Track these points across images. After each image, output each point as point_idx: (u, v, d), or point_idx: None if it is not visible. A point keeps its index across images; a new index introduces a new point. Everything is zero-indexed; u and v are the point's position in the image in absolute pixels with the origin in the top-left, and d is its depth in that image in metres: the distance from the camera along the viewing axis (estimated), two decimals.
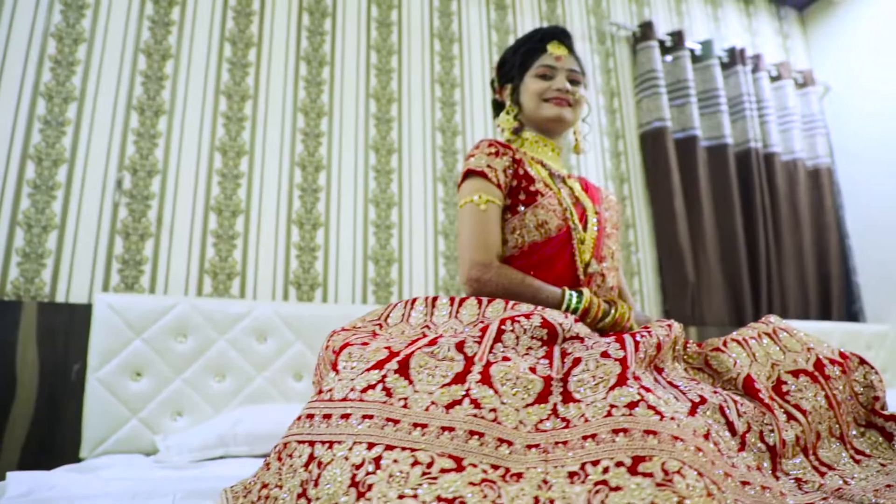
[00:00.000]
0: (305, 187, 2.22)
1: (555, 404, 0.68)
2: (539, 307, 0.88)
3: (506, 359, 0.74)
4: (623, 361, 0.71)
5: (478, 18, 2.75)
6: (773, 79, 3.42)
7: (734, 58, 3.22)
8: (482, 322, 0.82)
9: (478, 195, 1.15)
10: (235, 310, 1.89)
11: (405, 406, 0.68)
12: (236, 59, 2.22)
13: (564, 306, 1.07)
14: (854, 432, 0.87)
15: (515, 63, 1.30)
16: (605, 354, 0.73)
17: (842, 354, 0.94)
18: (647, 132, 2.94)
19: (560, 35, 1.29)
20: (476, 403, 0.67)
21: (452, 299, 0.95)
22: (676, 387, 0.76)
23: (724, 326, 2.82)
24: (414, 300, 0.97)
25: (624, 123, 2.98)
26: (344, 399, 0.71)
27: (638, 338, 0.77)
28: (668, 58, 3.08)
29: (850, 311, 3.29)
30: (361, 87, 2.42)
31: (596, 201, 1.28)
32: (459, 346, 0.75)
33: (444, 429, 0.65)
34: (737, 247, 2.95)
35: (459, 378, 0.71)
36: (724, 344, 0.96)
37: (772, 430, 0.76)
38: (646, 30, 3.04)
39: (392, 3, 2.57)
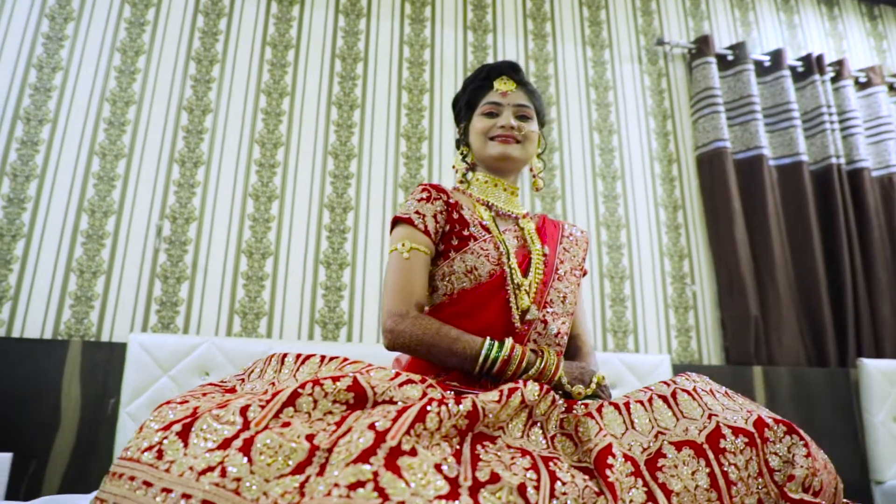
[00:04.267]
0: (333, 228, 2.29)
1: (308, 476, 0.63)
2: (365, 368, 0.82)
3: (286, 425, 0.70)
4: (381, 434, 0.65)
5: (514, 49, 2.72)
6: (862, 85, 3.06)
7: (810, 66, 2.92)
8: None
9: (402, 243, 1.12)
10: (256, 348, 1.97)
11: (167, 470, 0.67)
12: (270, 108, 2.35)
13: (483, 356, 1.01)
14: None
15: (463, 103, 1.27)
16: (371, 426, 0.67)
17: (758, 423, 0.78)
18: (705, 154, 2.73)
19: (507, 70, 1.24)
20: (223, 472, 0.65)
21: (298, 356, 0.92)
22: (477, 461, 0.69)
23: (799, 367, 2.51)
24: (272, 357, 0.96)
25: (678, 146, 2.79)
26: (129, 458, 0.71)
27: (429, 406, 0.71)
28: (729, 72, 2.86)
29: None
30: (392, 126, 2.47)
31: (547, 241, 1.20)
32: (244, 410, 0.72)
33: (184, 496, 0.64)
34: (815, 276, 2.63)
35: (226, 443, 0.68)
36: (599, 409, 0.85)
37: None
38: (702, 45, 2.85)
39: (425, 42, 2.61)
